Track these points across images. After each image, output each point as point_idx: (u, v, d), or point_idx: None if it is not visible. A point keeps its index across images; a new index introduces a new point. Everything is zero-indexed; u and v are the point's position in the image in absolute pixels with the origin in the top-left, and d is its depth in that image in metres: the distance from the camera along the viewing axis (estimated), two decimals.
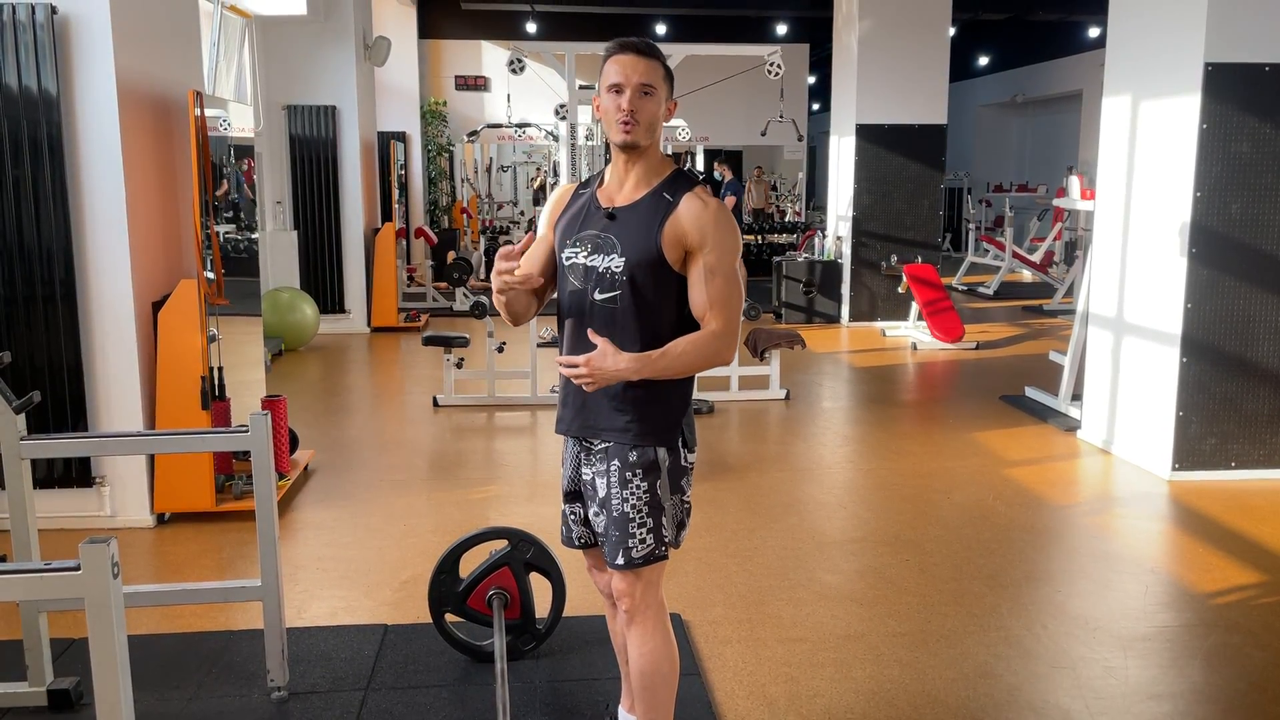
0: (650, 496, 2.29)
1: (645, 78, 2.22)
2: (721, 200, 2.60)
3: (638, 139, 2.24)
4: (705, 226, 2.23)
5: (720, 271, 2.24)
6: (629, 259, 2.24)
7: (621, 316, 2.26)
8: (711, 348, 2.24)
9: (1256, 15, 4.80)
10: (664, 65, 2.28)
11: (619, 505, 2.29)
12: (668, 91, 2.29)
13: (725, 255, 2.25)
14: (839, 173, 10.57)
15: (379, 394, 7.66)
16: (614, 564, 2.32)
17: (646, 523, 2.29)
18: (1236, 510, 4.66)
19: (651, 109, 2.23)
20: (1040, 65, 16.86)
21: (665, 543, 2.32)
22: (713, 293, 2.24)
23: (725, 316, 2.24)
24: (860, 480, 5.30)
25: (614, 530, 2.31)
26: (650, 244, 2.23)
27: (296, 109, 9.47)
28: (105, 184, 4.22)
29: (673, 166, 2.34)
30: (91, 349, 4.32)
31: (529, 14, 14.01)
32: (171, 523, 4.52)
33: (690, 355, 2.22)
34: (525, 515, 4.62)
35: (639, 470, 2.28)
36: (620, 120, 2.22)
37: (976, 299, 12.54)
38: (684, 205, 2.24)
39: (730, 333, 2.26)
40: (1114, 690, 3.07)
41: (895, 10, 9.98)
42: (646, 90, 2.22)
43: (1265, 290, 4.97)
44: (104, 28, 4.14)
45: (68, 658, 3.16)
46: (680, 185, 2.28)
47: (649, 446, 2.28)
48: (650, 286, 2.25)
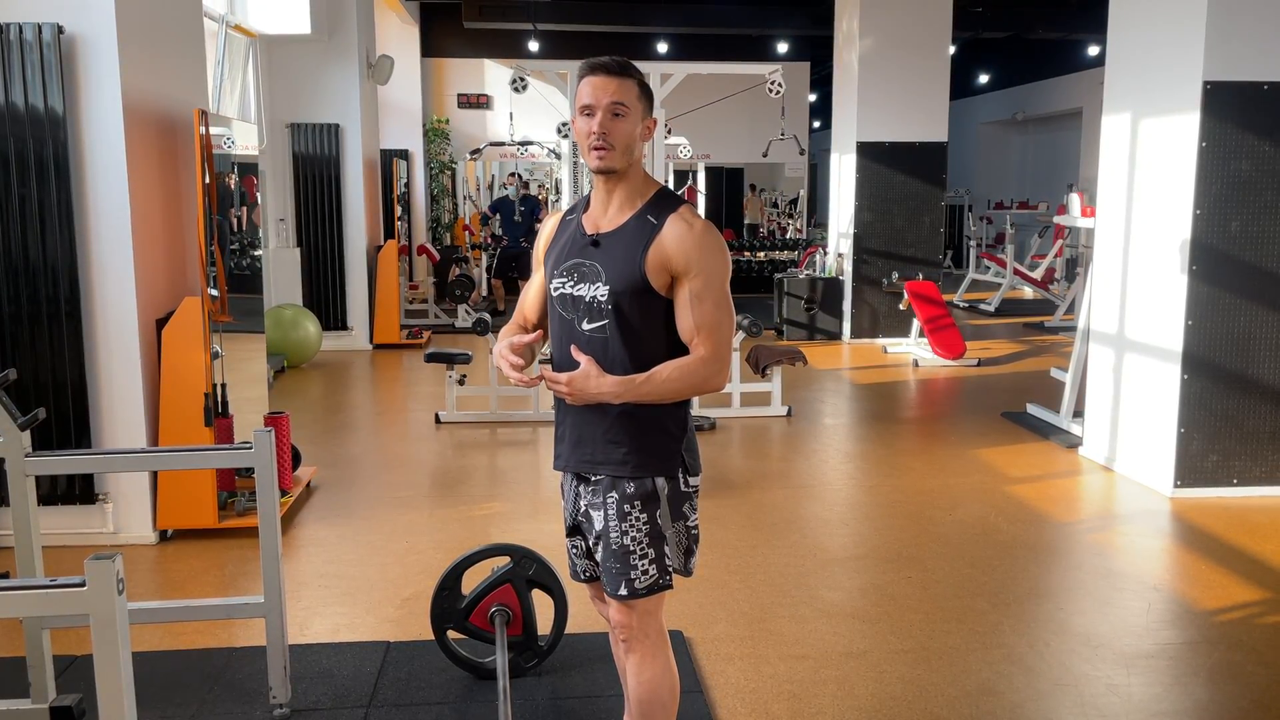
0: (650, 527, 2.24)
1: (616, 97, 2.14)
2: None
3: (612, 164, 2.16)
4: (689, 250, 2.16)
5: (708, 296, 2.17)
6: (613, 287, 2.18)
7: (612, 346, 2.20)
8: (700, 374, 2.17)
9: (1255, 34, 4.83)
10: (639, 82, 2.20)
11: (618, 538, 2.24)
12: (644, 109, 2.20)
13: (713, 279, 2.17)
14: (840, 190, 10.61)
15: (381, 411, 7.67)
16: (616, 595, 2.27)
17: (648, 554, 2.24)
18: (1238, 527, 4.66)
19: (625, 130, 2.15)
20: (1040, 83, 16.93)
21: (670, 571, 2.28)
22: (700, 317, 2.17)
23: (714, 341, 2.18)
24: (862, 497, 5.30)
25: (614, 563, 2.25)
26: (634, 270, 2.16)
27: (300, 127, 9.52)
28: (110, 202, 4.25)
29: (657, 187, 2.26)
30: (96, 366, 4.34)
31: (531, 33, 14.08)
32: (174, 539, 4.52)
33: (676, 381, 2.17)
34: (528, 532, 4.62)
35: (637, 502, 2.23)
36: (592, 145, 2.15)
37: (978, 316, 12.56)
38: (668, 228, 2.17)
39: (719, 358, 2.19)
40: (1117, 708, 3.06)
41: (896, 28, 10.03)
42: (618, 111, 2.14)
43: (1266, 307, 4.98)
44: (110, 47, 4.18)
45: (70, 674, 3.16)
46: (665, 207, 2.20)
47: (647, 478, 2.23)
48: (637, 314, 2.19)
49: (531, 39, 14.23)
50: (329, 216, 9.62)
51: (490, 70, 15.64)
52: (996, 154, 19.51)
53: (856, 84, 10.11)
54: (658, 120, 2.29)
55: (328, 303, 9.69)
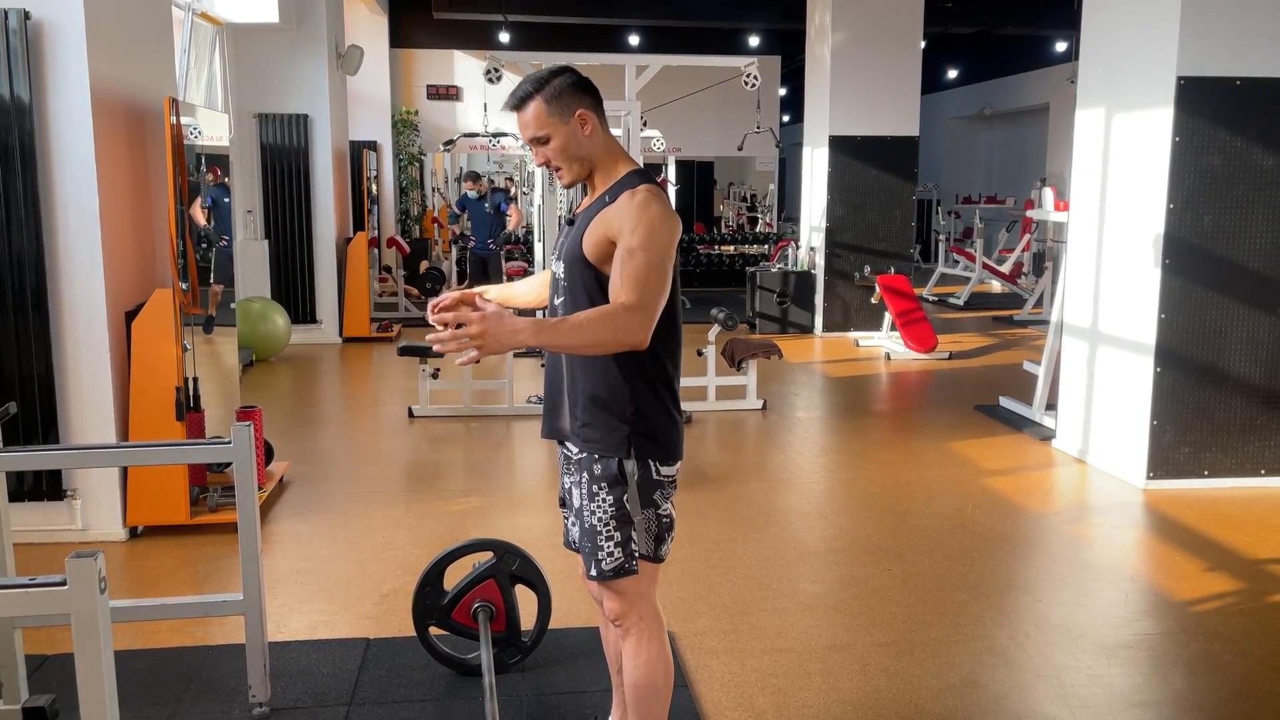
0: (617, 509, 2.26)
1: (532, 131, 2.21)
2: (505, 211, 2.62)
3: (570, 179, 2.26)
4: (625, 214, 2.15)
5: (638, 254, 2.10)
6: (565, 262, 2.26)
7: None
8: (618, 320, 2.05)
9: (1227, 30, 4.87)
10: (543, 98, 2.19)
11: (588, 517, 2.28)
12: (562, 114, 2.20)
13: (651, 239, 2.11)
14: (812, 184, 10.62)
15: (353, 405, 7.59)
16: (588, 575, 2.33)
17: (614, 536, 2.26)
18: (1210, 518, 4.71)
19: (557, 148, 2.22)
20: (1007, 79, 17.05)
21: (635, 555, 2.28)
22: (628, 270, 2.10)
23: (640, 292, 2.08)
24: (839, 490, 5.31)
25: (586, 541, 2.30)
26: (576, 244, 2.22)
27: (268, 117, 9.39)
28: (78, 191, 4.16)
29: (628, 170, 2.26)
30: (64, 359, 4.24)
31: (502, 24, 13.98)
32: (144, 536, 4.44)
33: (593, 324, 2.04)
34: (506, 527, 4.58)
35: (604, 483, 2.25)
36: (552, 170, 2.27)
37: (947, 309, 12.64)
38: (616, 202, 2.19)
39: (642, 308, 2.07)
40: (1099, 699, 3.08)
41: (868, 22, 10.06)
42: (540, 139, 2.22)
43: (1237, 301, 5.04)
44: (78, 34, 4.08)
45: (42, 674, 3.09)
46: (623, 186, 2.22)
47: (611, 458, 2.25)
48: (579, 288, 2.23)
49: (502, 30, 14.12)
50: (298, 208, 9.49)
51: (460, 62, 15.52)
52: (964, 149, 19.64)
53: (829, 78, 10.13)
54: (588, 110, 2.23)
55: (296, 296, 9.57)
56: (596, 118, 2.24)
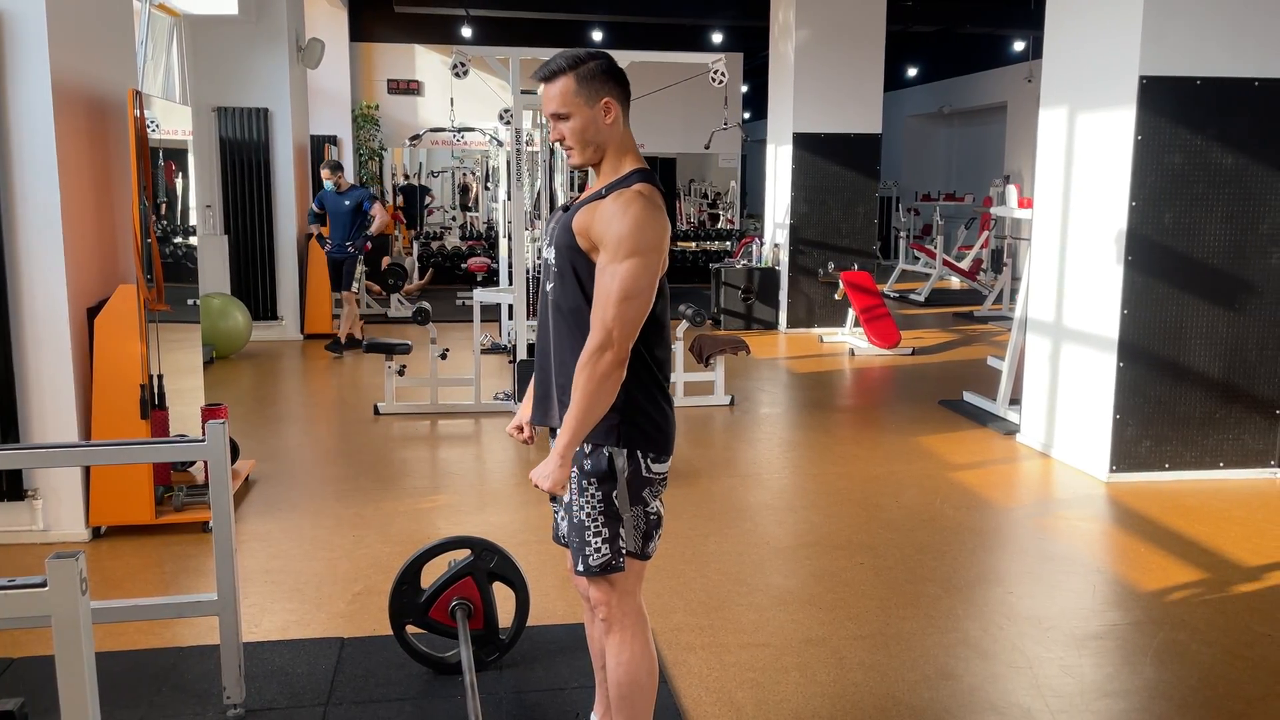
0: (606, 506, 2.26)
1: (554, 106, 2.22)
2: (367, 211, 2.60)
3: (580, 160, 2.26)
4: (608, 213, 2.15)
5: (610, 266, 2.12)
6: (555, 248, 2.27)
7: (555, 307, 2.28)
8: (596, 369, 2.10)
9: (1189, 30, 4.96)
10: (576, 75, 2.21)
11: (577, 512, 2.28)
12: (588, 98, 2.21)
13: (619, 247, 2.11)
14: (776, 181, 10.67)
15: (317, 402, 7.50)
16: (575, 570, 2.33)
17: (602, 532, 2.27)
18: (1172, 510, 4.80)
19: (575, 128, 2.22)
20: (966, 77, 17.22)
21: (623, 553, 2.29)
22: (599, 291, 2.13)
23: (603, 326, 2.11)
24: (809, 485, 5.33)
25: (574, 536, 2.30)
26: (566, 230, 2.24)
27: (227, 111, 9.25)
28: (39, 185, 4.07)
29: (632, 168, 2.26)
30: (24, 356, 4.15)
31: (464, 18, 13.87)
32: (108, 536, 4.36)
33: (587, 395, 2.11)
34: (476, 524, 4.55)
35: (594, 479, 2.25)
36: (564, 148, 2.28)
37: (909, 306, 12.76)
38: (607, 199, 2.19)
39: (609, 344, 2.10)
40: (1071, 689, 3.13)
41: (831, 20, 10.12)
42: (562, 115, 2.22)
43: (1197, 297, 5.13)
44: (39, 25, 3.99)
45: (9, 677, 3.02)
46: (621, 183, 2.22)
47: (601, 448, 2.24)
48: (569, 273, 2.24)
49: (465, 25, 14.03)
50: (258, 203, 9.37)
51: (421, 56, 15.40)
52: (923, 146, 19.81)
53: (792, 75, 10.18)
54: (614, 100, 2.23)
55: (257, 292, 9.45)
56: (621, 109, 2.26)
